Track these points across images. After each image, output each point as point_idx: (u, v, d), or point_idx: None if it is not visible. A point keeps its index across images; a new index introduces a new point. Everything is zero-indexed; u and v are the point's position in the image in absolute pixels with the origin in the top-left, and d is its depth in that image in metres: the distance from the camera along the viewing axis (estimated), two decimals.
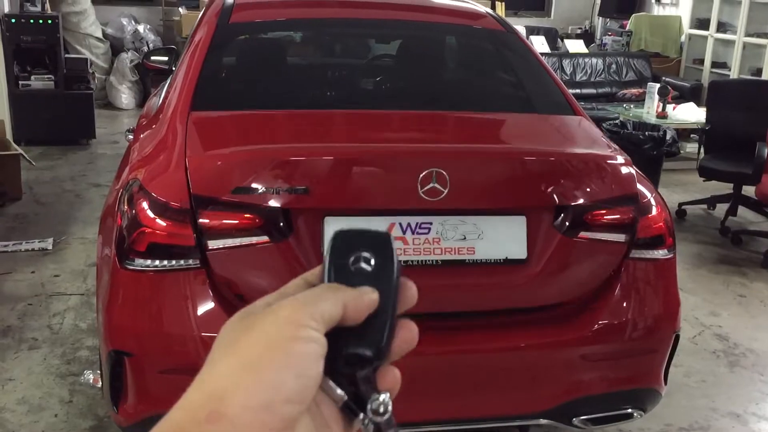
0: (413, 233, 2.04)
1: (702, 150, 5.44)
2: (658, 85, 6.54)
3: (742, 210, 5.32)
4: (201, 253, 1.97)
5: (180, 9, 8.50)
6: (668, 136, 5.43)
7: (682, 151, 6.72)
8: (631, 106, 6.98)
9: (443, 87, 3.02)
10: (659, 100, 6.42)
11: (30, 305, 3.54)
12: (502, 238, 2.10)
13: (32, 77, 6.36)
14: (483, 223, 2.09)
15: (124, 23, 8.42)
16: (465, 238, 2.07)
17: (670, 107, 6.49)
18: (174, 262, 1.99)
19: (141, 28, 8.45)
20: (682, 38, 8.77)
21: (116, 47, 8.37)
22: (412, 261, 2.03)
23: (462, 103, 2.79)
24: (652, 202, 2.27)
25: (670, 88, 6.70)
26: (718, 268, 4.47)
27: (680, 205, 5.44)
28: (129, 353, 2.01)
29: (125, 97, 8.21)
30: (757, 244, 4.87)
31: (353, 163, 2.07)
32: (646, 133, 5.41)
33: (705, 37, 8.33)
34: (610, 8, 9.75)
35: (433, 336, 2.07)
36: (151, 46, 8.34)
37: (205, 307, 1.99)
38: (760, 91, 5.47)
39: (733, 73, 7.89)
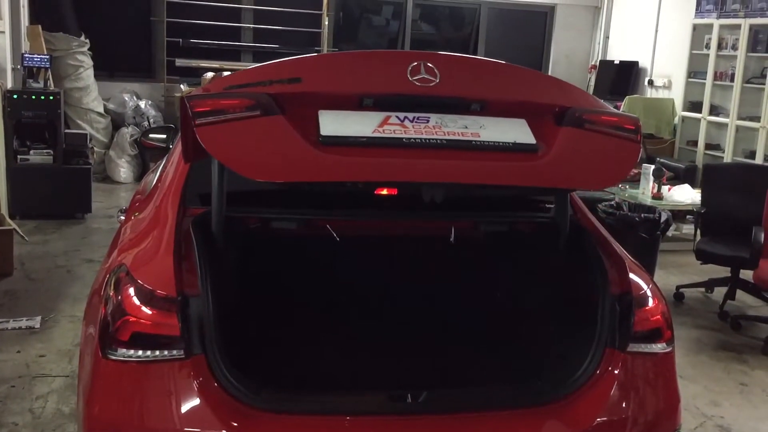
0: (412, 122, 1.94)
1: (698, 232, 5.42)
2: (653, 167, 6.59)
3: (740, 294, 5.26)
4: None
5: (181, 86, 8.64)
6: (663, 218, 5.43)
7: (678, 233, 6.73)
8: (627, 186, 7.02)
9: None
10: (654, 182, 6.47)
11: (13, 387, 3.44)
12: (506, 129, 2.00)
13: (31, 152, 6.39)
14: (483, 120, 2.00)
15: (126, 99, 8.54)
16: (467, 128, 1.97)
17: (665, 188, 6.53)
18: (158, 352, 1.93)
19: (142, 103, 8.57)
20: (676, 120, 8.90)
21: (117, 122, 8.47)
22: (414, 139, 1.90)
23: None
24: (649, 293, 2.23)
25: (664, 169, 6.75)
26: (718, 354, 4.39)
27: (678, 288, 5.40)
28: None
29: (124, 171, 8.26)
30: (756, 329, 4.80)
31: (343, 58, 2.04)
32: (642, 215, 5.41)
33: (698, 120, 8.46)
34: (604, 90, 9.93)
35: (425, 429, 2.01)
36: (151, 121, 8.44)
37: (191, 401, 1.92)
38: (754, 174, 5.49)
39: (727, 156, 7.97)
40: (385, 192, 2.04)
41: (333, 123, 1.92)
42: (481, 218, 2.61)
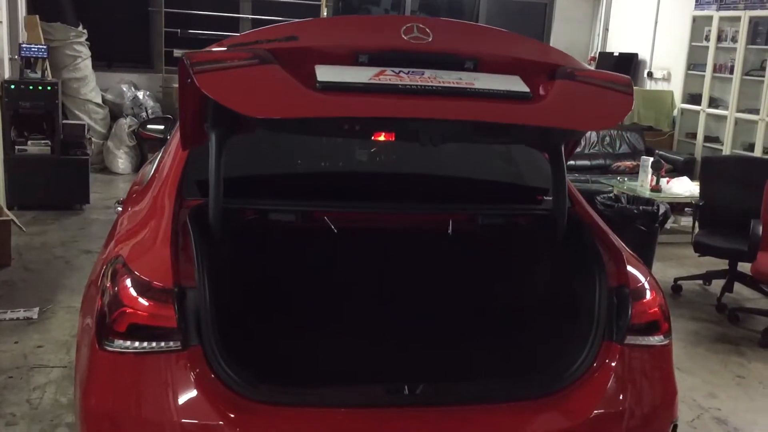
0: (407, 74, 1.95)
1: (696, 225, 5.42)
2: (651, 159, 6.58)
3: (738, 286, 5.27)
4: None
5: None
6: (661, 211, 5.43)
7: (676, 225, 6.73)
8: (625, 179, 7.02)
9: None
10: (653, 174, 6.46)
11: (11, 378, 3.44)
12: (500, 81, 2.01)
13: (29, 142, 6.37)
14: (476, 75, 2.01)
15: (124, 89, 8.51)
16: (461, 79, 1.98)
17: (663, 181, 6.53)
18: (155, 344, 1.93)
19: (140, 94, 8.54)
20: (675, 112, 8.89)
21: (115, 113, 8.45)
22: (410, 85, 1.90)
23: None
24: (646, 286, 2.23)
25: (663, 162, 6.75)
26: (715, 346, 4.39)
27: (676, 280, 5.40)
28: None
29: (122, 161, 8.24)
30: (754, 322, 4.81)
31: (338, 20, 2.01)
32: (640, 207, 5.41)
33: (697, 112, 8.44)
34: None
35: (423, 421, 2.01)
36: (149, 112, 8.41)
37: (187, 393, 1.92)
38: (753, 167, 5.49)
39: (726, 148, 7.96)
40: (382, 137, 2.02)
41: (329, 74, 1.93)
42: (479, 211, 2.60)
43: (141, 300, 1.95)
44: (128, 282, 1.99)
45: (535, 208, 2.63)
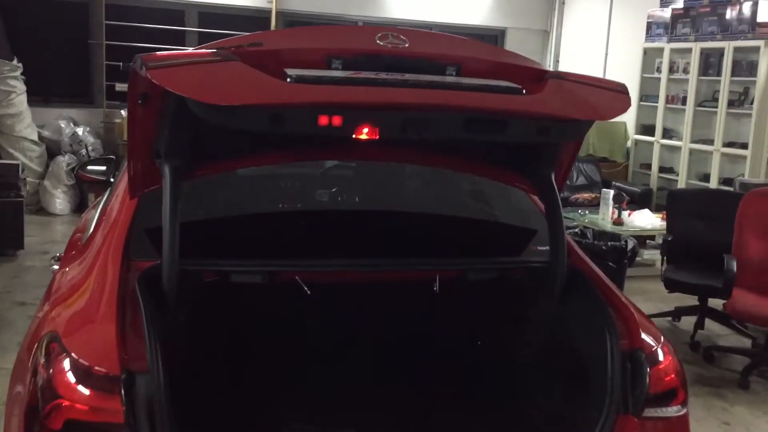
0: (386, 74, 1.73)
1: (664, 260, 5.29)
2: (612, 192, 6.49)
3: (707, 322, 5.14)
4: None
5: (122, 112, 8.21)
6: (629, 246, 5.31)
7: (640, 258, 6.62)
8: (586, 211, 6.91)
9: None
10: (614, 207, 6.36)
11: None
12: (487, 81, 1.83)
13: None
14: (460, 78, 1.83)
15: (62, 125, 8.07)
16: (445, 79, 1.81)
17: (625, 213, 6.43)
18: None
19: (80, 130, 8.11)
20: (629, 143, 8.89)
21: (53, 150, 7.99)
22: (391, 80, 1.70)
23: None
24: (660, 351, 2.01)
25: (624, 194, 6.67)
26: (696, 390, 4.22)
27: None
28: None
29: (60, 202, 7.77)
30: (730, 360, 4.67)
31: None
32: (609, 243, 5.27)
33: (651, 143, 8.44)
34: None
35: None
36: (90, 149, 7.99)
37: None
38: (719, 200, 5.41)
39: (681, 179, 7.96)
40: (365, 135, 1.76)
41: (301, 72, 1.70)
42: (467, 266, 2.34)
43: (80, 389, 1.63)
44: (65, 365, 1.67)
45: (531, 260, 2.38)
